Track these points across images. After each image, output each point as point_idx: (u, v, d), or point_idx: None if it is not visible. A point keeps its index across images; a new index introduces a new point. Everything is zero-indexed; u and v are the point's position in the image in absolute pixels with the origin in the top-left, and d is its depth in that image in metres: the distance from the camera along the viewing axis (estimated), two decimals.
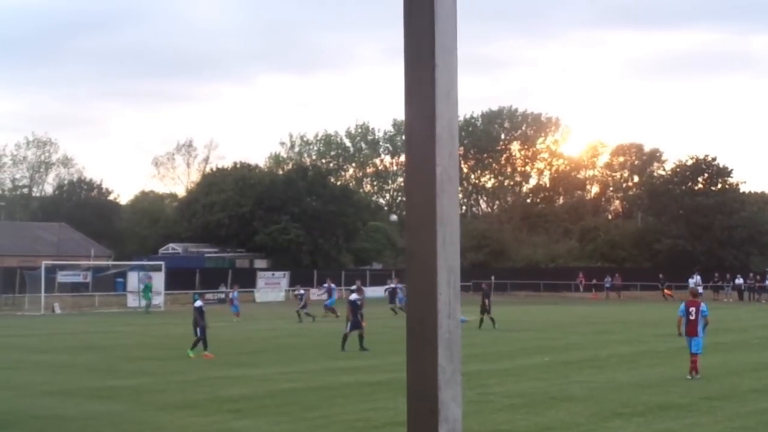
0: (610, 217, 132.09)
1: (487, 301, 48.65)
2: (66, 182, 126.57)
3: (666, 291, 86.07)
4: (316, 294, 72.45)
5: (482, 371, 26.65)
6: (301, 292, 61.00)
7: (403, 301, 63.00)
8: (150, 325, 52.80)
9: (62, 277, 74.16)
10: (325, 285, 64.51)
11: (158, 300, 70.25)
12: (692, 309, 26.55)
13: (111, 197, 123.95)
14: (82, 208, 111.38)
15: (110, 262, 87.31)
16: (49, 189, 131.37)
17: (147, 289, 69.28)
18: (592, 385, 24.63)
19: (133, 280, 74.16)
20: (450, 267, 2.27)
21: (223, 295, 73.16)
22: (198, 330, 34.50)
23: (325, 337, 42.57)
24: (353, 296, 39.44)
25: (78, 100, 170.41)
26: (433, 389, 2.26)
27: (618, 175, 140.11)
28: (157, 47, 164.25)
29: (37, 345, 39.94)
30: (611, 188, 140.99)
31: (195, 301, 36.96)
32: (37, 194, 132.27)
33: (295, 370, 28.89)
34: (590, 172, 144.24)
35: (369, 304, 49.64)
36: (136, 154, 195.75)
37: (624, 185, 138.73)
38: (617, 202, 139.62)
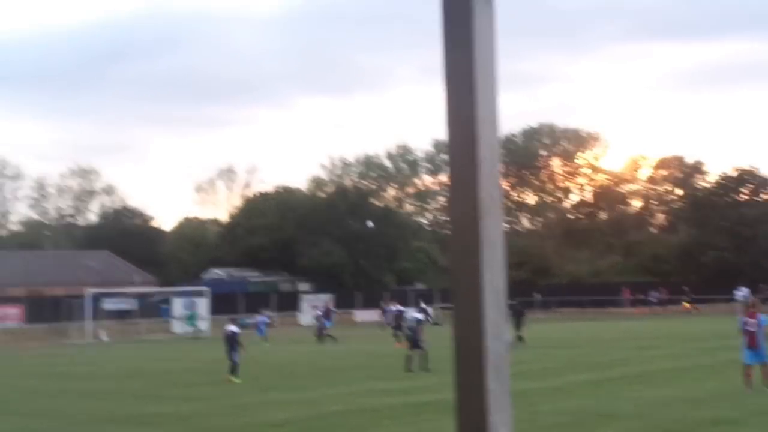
0: (653, 230, 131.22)
1: (518, 318, 48.41)
2: (109, 210, 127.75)
3: (687, 304, 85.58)
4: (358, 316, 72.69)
5: (529, 389, 26.49)
6: (319, 313, 61.65)
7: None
8: (195, 351, 53.00)
9: (108, 304, 74.73)
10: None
11: (203, 325, 70.53)
12: (750, 321, 26.22)
13: (154, 224, 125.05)
14: (126, 236, 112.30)
15: (155, 289, 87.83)
16: (93, 217, 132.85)
17: (192, 317, 69.63)
18: (640, 401, 24.42)
19: (177, 306, 74.52)
20: (495, 288, 2.26)
21: (267, 319, 73.43)
22: (233, 355, 34.74)
23: (369, 359, 42.58)
24: (419, 315, 39.59)
25: (119, 127, 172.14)
26: (481, 412, 2.24)
27: (660, 188, 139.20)
28: (196, 73, 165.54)
29: (85, 373, 40.18)
30: (654, 202, 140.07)
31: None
32: (82, 223, 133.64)
33: (340, 392, 28.86)
34: (632, 186, 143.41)
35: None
36: (178, 180, 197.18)
37: (667, 198, 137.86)
38: (660, 215, 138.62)
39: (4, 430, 23.89)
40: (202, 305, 73.12)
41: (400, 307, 56.43)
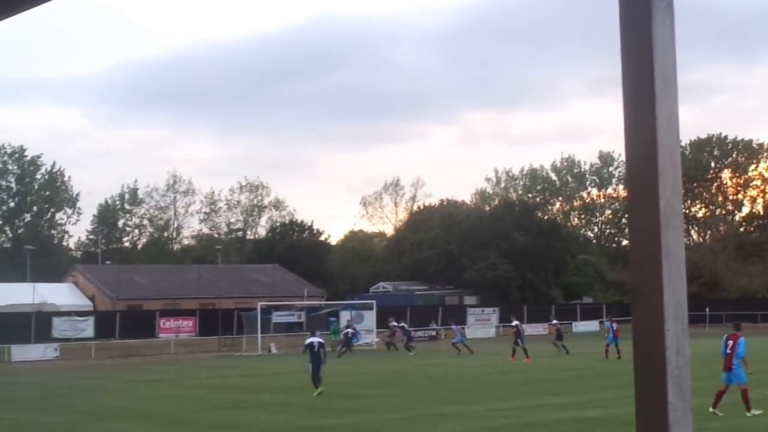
0: None
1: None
2: (278, 224, 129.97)
3: None
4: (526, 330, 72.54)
5: (702, 405, 25.84)
6: (393, 324, 63.24)
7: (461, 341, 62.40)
8: (363, 363, 53.44)
9: (277, 317, 75.89)
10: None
11: (370, 338, 71.11)
12: None
13: (322, 238, 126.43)
14: (295, 250, 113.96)
15: (323, 302, 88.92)
16: (262, 231, 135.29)
17: (334, 332, 69.36)
18: None
19: (345, 319, 75.27)
20: (677, 302, 2.22)
21: (433, 332, 73.95)
22: (319, 368, 35.47)
23: (538, 373, 42.25)
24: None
25: (288, 144, 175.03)
26: (663, 428, 2.20)
27: None
28: (363, 88, 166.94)
29: (257, 384, 40.98)
30: None
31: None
32: (251, 237, 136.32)
33: (508, 406, 28.72)
34: None
35: (581, 339, 48.51)
36: (345, 194, 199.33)
37: None
38: None
39: None
40: (370, 318, 73.78)
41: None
